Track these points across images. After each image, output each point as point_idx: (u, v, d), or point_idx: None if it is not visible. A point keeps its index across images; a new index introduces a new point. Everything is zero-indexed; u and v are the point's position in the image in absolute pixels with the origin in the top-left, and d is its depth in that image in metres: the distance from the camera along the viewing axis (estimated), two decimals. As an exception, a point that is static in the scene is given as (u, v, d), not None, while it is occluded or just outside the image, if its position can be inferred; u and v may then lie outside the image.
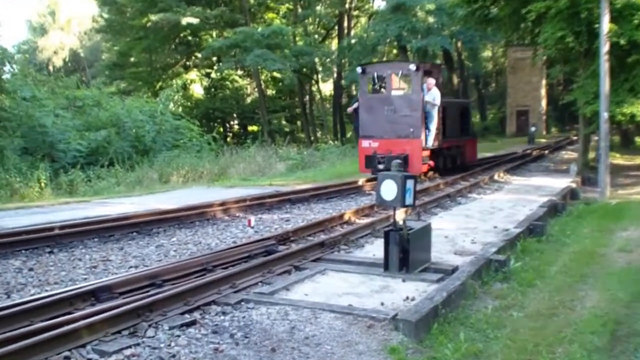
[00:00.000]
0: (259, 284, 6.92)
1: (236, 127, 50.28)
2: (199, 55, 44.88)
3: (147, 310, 5.60)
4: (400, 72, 17.67)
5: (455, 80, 45.23)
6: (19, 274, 7.65)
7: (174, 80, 42.68)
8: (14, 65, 28.19)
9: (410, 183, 7.15)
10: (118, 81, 47.54)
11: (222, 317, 5.77)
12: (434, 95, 16.89)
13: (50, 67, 57.65)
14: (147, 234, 10.26)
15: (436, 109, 17.09)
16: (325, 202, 14.04)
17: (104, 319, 5.30)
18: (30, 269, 7.90)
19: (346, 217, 11.06)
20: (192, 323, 5.55)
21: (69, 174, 20.71)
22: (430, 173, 18.06)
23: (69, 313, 5.75)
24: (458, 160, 19.88)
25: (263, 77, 45.79)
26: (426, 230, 7.58)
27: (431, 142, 17.22)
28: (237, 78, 48.27)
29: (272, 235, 9.17)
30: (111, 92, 35.65)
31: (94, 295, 6.18)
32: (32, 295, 6.60)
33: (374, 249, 8.54)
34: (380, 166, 16.34)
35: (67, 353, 4.88)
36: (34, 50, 60.02)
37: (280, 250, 8.34)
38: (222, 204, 12.60)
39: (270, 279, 7.09)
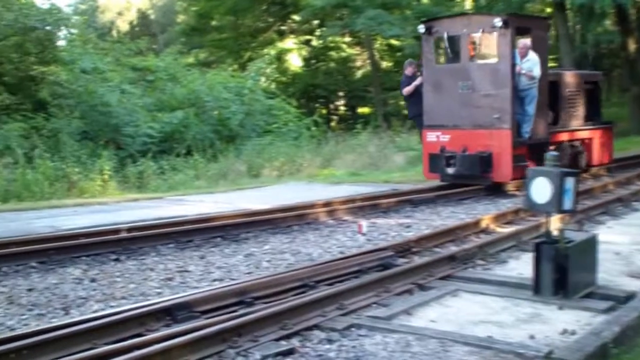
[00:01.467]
0: (373, 305, 6.93)
1: (343, 108, 50.53)
2: (297, 17, 45.35)
3: (235, 334, 5.73)
4: (481, 30, 15.00)
5: (632, 46, 43.62)
6: (78, 286, 8.05)
7: (265, 50, 43.31)
8: (72, 30, 29.29)
9: (570, 182, 6.98)
10: (197, 50, 48.56)
11: (326, 346, 5.83)
12: (532, 64, 14.78)
13: (114, 32, 59.88)
14: (234, 240, 10.54)
15: (536, 84, 14.97)
16: (455, 205, 13.95)
17: (182, 343, 5.47)
18: (92, 280, 8.30)
19: (483, 224, 10.95)
20: (289, 352, 5.64)
21: (138, 165, 21.48)
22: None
23: (140, 335, 5.98)
24: (580, 161, 17.23)
25: (377, 45, 45.79)
26: (590, 244, 7.38)
27: (528, 133, 15.12)
28: (344, 47, 48.50)
29: (389, 245, 9.19)
30: (188, 64, 36.53)
31: (170, 313, 6.39)
32: (94, 312, 6.90)
33: (520, 266, 8.40)
34: (450, 170, 14.94)
35: (135, 383, 5.09)
36: (94, 11, 62.28)
37: (399, 264, 8.36)
38: (326, 204, 12.77)
39: (387, 299, 7.10)
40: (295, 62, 48.58)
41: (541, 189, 6.98)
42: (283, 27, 48.63)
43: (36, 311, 6.98)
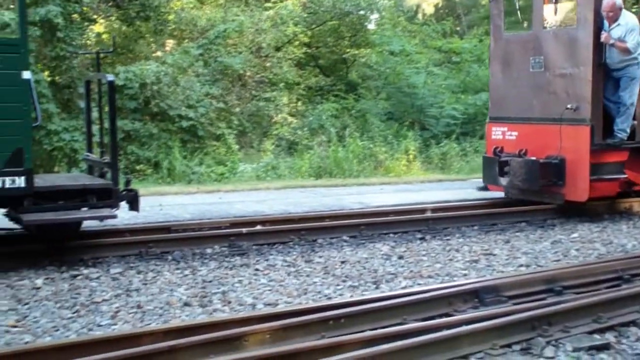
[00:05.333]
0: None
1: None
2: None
3: (545, 322, 5.57)
4: None
5: None
6: (387, 262, 8.28)
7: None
8: (382, 13, 30.11)
9: None
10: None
11: (644, 345, 5.49)
12: (625, 30, 10.49)
13: (420, 15, 60.55)
14: (540, 226, 10.32)
15: (638, 60, 10.73)
16: None
17: (490, 327, 5.41)
18: (400, 257, 8.49)
19: None
20: (604, 347, 5.36)
21: (441, 146, 21.64)
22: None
23: (447, 315, 6.03)
24: None
25: None
26: None
27: (626, 131, 10.91)
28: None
29: None
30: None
31: (477, 296, 6.37)
32: (403, 287, 7.10)
33: None
34: (503, 181, 11.23)
35: (445, 363, 5.12)
36: (402, -6, 63.67)
37: None
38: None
39: None
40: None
41: None
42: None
43: (349, 283, 7.28)
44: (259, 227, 9.55)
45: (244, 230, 9.21)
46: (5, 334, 5.71)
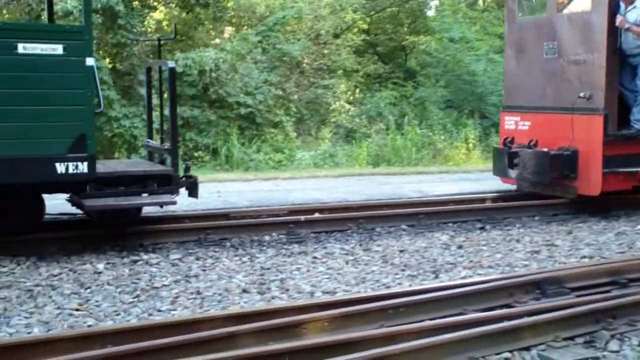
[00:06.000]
0: None
1: None
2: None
3: (609, 315, 5.47)
4: None
5: None
6: (446, 251, 8.23)
7: None
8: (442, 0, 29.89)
9: None
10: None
11: None
12: None
13: (481, 1, 59.85)
14: (603, 217, 10.09)
15: None
16: None
17: (552, 319, 5.35)
18: (459, 247, 8.44)
19: None
20: (671, 342, 5.27)
21: (502, 134, 21.41)
22: None
23: (508, 306, 5.96)
24: None
25: None
26: None
27: None
28: None
29: None
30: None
31: (539, 287, 6.27)
32: (462, 277, 7.04)
33: None
34: (512, 173, 10.83)
35: (507, 354, 5.04)
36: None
37: None
38: None
39: None
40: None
41: None
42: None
43: (408, 272, 7.26)
44: (317, 215, 9.57)
45: (302, 218, 9.24)
46: (68, 316, 5.84)
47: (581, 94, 10.06)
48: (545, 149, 10.31)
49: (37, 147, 7.31)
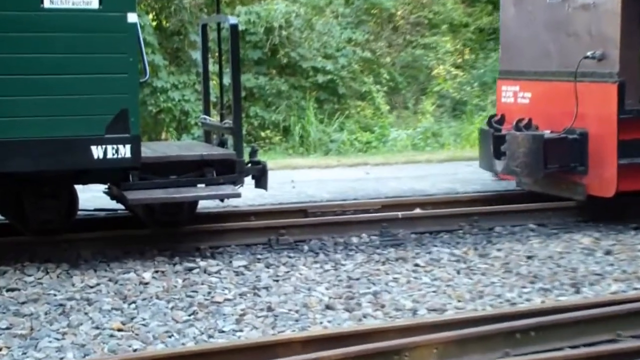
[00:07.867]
0: None
1: None
2: None
3: None
4: None
5: None
6: (589, 258, 8.12)
7: None
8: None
9: None
10: None
11: None
12: None
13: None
14: None
15: None
16: None
17: None
18: (607, 252, 8.33)
19: None
20: None
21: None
22: None
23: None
24: None
25: None
26: None
27: None
28: None
29: None
30: None
31: None
32: (613, 292, 6.90)
33: None
34: (498, 164, 9.89)
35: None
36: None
37: None
38: None
39: None
40: None
41: None
42: None
43: (539, 284, 7.17)
44: (418, 211, 9.55)
45: (400, 214, 9.21)
46: (109, 338, 5.91)
47: (589, 53, 9.21)
48: (539, 132, 9.53)
49: (68, 127, 7.36)
